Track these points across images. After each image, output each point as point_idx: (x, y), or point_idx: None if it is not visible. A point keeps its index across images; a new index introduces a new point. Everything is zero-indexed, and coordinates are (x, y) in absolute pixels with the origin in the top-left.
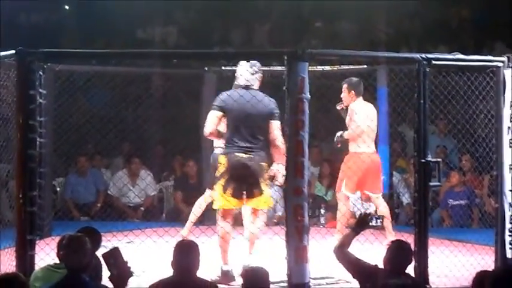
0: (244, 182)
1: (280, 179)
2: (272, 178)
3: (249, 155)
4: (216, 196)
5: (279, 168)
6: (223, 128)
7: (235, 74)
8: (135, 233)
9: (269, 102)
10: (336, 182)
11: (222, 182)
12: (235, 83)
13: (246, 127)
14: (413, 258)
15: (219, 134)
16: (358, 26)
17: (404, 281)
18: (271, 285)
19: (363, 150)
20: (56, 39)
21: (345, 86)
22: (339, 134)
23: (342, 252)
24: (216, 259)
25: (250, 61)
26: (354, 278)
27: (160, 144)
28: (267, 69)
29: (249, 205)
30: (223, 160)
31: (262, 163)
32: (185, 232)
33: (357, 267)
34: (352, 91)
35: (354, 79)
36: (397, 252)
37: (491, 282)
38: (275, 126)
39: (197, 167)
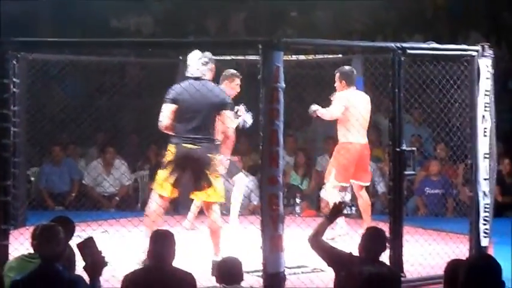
0: (189, 173)
1: (222, 171)
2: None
3: (197, 146)
4: (158, 180)
5: (221, 160)
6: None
7: (187, 64)
8: (109, 223)
9: (219, 92)
10: (311, 171)
11: (167, 169)
12: (186, 74)
13: (196, 118)
14: (387, 246)
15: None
16: (333, 16)
17: (379, 268)
18: (246, 275)
19: (352, 140)
20: (30, 29)
21: (337, 75)
22: (314, 107)
23: (316, 241)
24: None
25: (204, 52)
26: (328, 266)
27: (135, 134)
28: (242, 59)
29: (197, 197)
30: (172, 149)
31: (210, 154)
32: (188, 225)
33: (332, 256)
34: (344, 80)
35: (346, 68)
36: (372, 239)
37: (466, 270)
38: (226, 117)
39: None
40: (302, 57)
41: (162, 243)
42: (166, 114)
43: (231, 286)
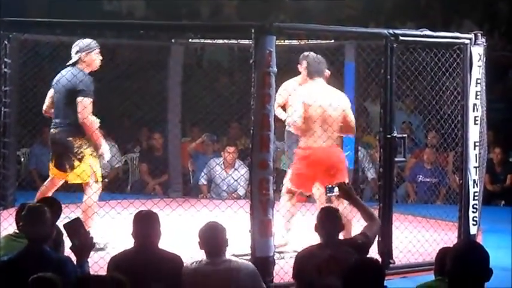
0: (55, 156)
1: (106, 157)
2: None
3: (57, 131)
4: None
5: (103, 152)
6: None
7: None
8: (99, 204)
9: (72, 78)
10: None
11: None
12: None
13: (57, 103)
14: (343, 225)
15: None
16: (326, 2)
17: (337, 250)
18: (236, 258)
19: (312, 144)
20: (22, 9)
21: (302, 62)
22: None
23: None
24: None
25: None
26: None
27: (126, 116)
28: (234, 43)
29: (66, 179)
30: None
31: (69, 138)
32: None
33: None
34: (308, 71)
35: (312, 55)
36: (326, 219)
37: (452, 256)
38: (79, 104)
39: (163, 139)
40: (295, 42)
41: (146, 223)
42: (47, 99)
43: (215, 259)
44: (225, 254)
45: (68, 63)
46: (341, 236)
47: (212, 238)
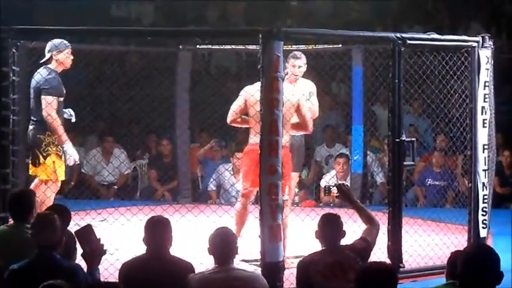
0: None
1: (70, 161)
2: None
3: (30, 128)
4: None
5: (66, 149)
6: None
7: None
8: (108, 211)
9: (38, 77)
10: (310, 161)
11: None
12: None
13: (31, 102)
14: (345, 232)
15: None
16: (333, 6)
17: (339, 256)
18: (244, 264)
19: (253, 142)
20: (29, 16)
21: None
22: None
23: None
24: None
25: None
26: None
27: (135, 123)
28: (242, 48)
29: (35, 173)
30: None
31: (39, 135)
32: None
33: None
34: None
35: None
36: (327, 226)
37: (463, 260)
38: (42, 101)
39: (171, 145)
40: (302, 47)
41: (158, 230)
42: None
43: (224, 267)
44: (233, 261)
45: (40, 62)
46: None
47: (222, 244)
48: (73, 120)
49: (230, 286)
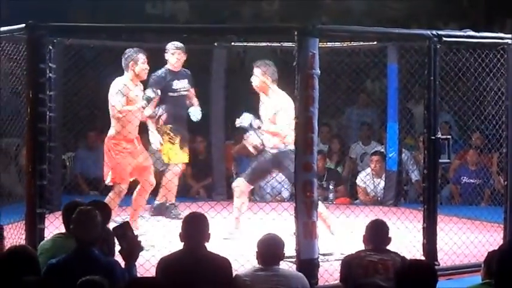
0: None
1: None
2: None
3: None
4: None
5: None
6: None
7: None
8: (144, 208)
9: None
10: (345, 159)
11: None
12: None
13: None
14: (391, 238)
15: None
16: (367, 3)
17: (387, 256)
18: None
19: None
20: (64, 14)
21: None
22: None
23: None
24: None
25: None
26: None
27: None
28: (277, 45)
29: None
30: None
31: None
32: None
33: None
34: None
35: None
36: (374, 231)
37: (498, 258)
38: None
39: (205, 142)
40: (338, 44)
41: (195, 225)
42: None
43: (268, 267)
44: (278, 265)
45: None
46: None
47: (269, 250)
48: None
49: (275, 283)
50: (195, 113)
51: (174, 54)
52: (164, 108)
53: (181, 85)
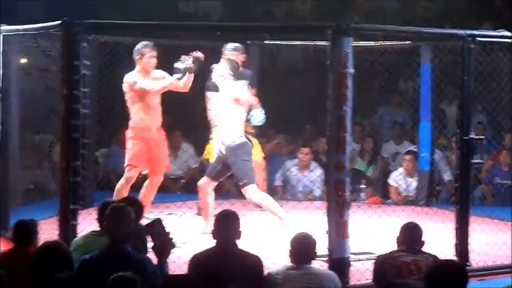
0: None
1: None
2: None
3: None
4: None
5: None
6: None
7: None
8: (176, 205)
9: None
10: (377, 158)
11: None
12: None
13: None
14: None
15: None
16: (400, 2)
17: (423, 257)
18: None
19: None
20: (97, 12)
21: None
22: None
23: None
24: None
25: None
26: None
27: (202, 117)
28: (310, 44)
29: None
30: None
31: None
32: None
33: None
34: None
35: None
36: (408, 233)
37: None
38: None
39: None
40: (371, 43)
41: (227, 223)
42: None
43: (300, 266)
44: (311, 264)
45: None
46: None
47: (302, 248)
48: None
49: (307, 281)
50: (257, 116)
51: (233, 56)
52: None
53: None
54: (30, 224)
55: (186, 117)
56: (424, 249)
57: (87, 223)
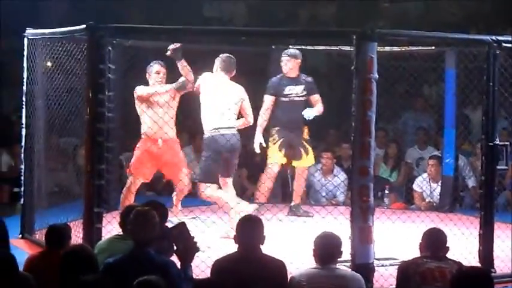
0: None
1: None
2: None
3: None
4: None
5: None
6: None
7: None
8: (200, 209)
9: None
10: (401, 163)
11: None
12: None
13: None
14: (448, 248)
15: None
16: (424, 7)
17: (448, 264)
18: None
19: None
20: (122, 16)
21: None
22: None
23: None
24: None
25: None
26: None
27: None
28: (335, 49)
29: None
30: None
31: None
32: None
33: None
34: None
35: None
36: (432, 241)
37: None
38: None
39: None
40: (396, 48)
41: (250, 228)
42: None
43: (324, 266)
44: (335, 263)
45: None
46: None
47: (327, 248)
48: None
49: (332, 283)
50: (308, 112)
51: (283, 62)
52: None
53: (295, 91)
54: (63, 228)
55: None
56: (447, 255)
57: (111, 226)
